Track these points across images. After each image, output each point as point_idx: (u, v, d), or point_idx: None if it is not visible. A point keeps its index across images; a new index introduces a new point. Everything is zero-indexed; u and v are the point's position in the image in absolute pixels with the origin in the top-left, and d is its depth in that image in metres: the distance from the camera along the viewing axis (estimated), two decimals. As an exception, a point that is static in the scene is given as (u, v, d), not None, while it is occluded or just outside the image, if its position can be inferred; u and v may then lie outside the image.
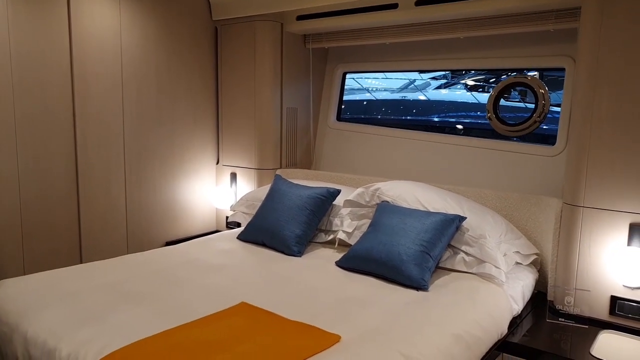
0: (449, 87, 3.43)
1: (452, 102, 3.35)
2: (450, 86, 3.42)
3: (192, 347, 1.50)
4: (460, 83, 3.33)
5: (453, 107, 3.33)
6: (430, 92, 3.47)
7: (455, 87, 3.38)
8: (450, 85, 3.42)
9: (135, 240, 3.20)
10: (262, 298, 1.92)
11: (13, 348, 1.64)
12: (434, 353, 1.58)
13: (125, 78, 3.04)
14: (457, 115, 3.30)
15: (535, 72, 2.85)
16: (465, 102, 3.27)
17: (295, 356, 1.44)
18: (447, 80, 3.43)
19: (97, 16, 2.85)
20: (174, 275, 2.17)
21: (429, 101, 3.45)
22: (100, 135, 2.94)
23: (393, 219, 2.36)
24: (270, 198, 2.83)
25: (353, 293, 2.03)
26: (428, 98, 3.46)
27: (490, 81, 3.13)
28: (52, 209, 2.77)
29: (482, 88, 3.20)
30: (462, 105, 3.29)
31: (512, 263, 2.31)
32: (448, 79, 3.42)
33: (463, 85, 3.31)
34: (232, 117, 3.59)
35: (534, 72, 2.85)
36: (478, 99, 3.19)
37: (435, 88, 3.47)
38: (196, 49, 3.46)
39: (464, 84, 3.29)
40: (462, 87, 3.32)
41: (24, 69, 2.59)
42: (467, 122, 3.23)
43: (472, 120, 3.20)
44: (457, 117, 3.29)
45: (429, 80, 3.49)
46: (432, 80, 3.48)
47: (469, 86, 3.27)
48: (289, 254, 2.56)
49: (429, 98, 3.45)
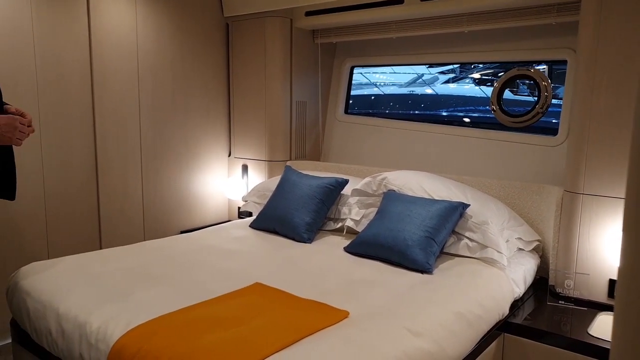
0: (457, 81, 3.47)
1: (461, 97, 3.39)
2: (458, 80, 3.46)
3: (210, 321, 1.61)
4: (468, 77, 3.38)
5: (461, 101, 3.37)
6: (438, 86, 3.52)
7: (463, 81, 3.42)
8: (459, 80, 3.46)
9: (152, 229, 3.33)
10: (274, 279, 2.04)
11: (46, 323, 1.76)
12: (436, 329, 1.69)
13: (142, 74, 3.16)
14: (465, 109, 3.34)
15: (544, 65, 2.91)
16: (474, 96, 3.31)
17: (307, 329, 1.55)
18: (456, 74, 3.48)
19: (114, 14, 2.97)
20: (191, 259, 2.29)
21: (437, 95, 3.50)
22: (118, 129, 3.07)
23: (399, 206, 2.46)
24: (281, 188, 2.94)
25: (361, 275, 2.14)
26: (436, 92, 3.51)
27: (499, 75, 3.17)
28: (74, 200, 2.91)
29: (491, 82, 3.25)
30: (471, 100, 3.33)
31: (514, 249, 2.41)
32: (456, 73, 3.47)
33: (471, 79, 3.35)
34: (244, 110, 3.70)
35: (543, 66, 2.91)
36: (487, 93, 3.23)
37: (444, 82, 3.52)
38: (208, 45, 3.58)
39: (472, 78, 3.34)
40: (471, 81, 3.37)
41: (46, 66, 2.71)
42: (475, 116, 3.28)
43: (480, 114, 3.25)
44: (466, 111, 3.34)
45: (437, 75, 3.54)
46: (440, 74, 3.53)
47: (477, 80, 3.32)
48: (299, 241, 2.67)
49: (437, 92, 3.50)
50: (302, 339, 1.50)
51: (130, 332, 1.55)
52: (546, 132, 2.89)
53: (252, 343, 1.45)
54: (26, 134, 1.81)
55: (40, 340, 1.82)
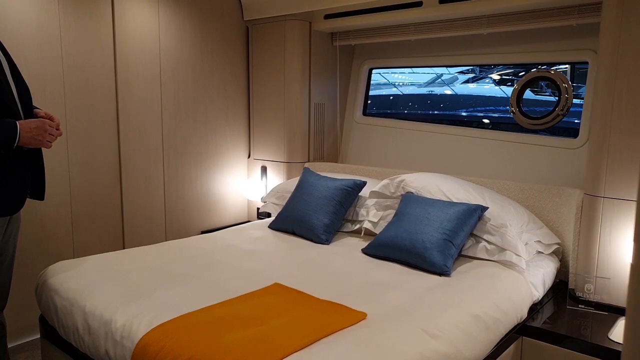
0: (476, 81, 3.44)
1: (480, 97, 3.36)
2: (478, 80, 3.43)
3: (231, 320, 1.65)
4: (488, 77, 3.35)
5: (481, 101, 3.34)
6: (457, 86, 3.50)
7: (483, 81, 3.39)
8: (478, 80, 3.42)
9: (173, 229, 3.40)
10: (293, 280, 2.07)
11: (73, 320, 1.83)
12: (453, 331, 1.70)
13: (164, 78, 3.23)
14: (485, 109, 3.32)
15: (566, 65, 2.87)
16: (494, 96, 3.28)
17: (325, 330, 1.58)
18: (475, 74, 3.45)
19: (138, 18, 3.05)
20: (212, 259, 2.34)
21: (456, 95, 3.47)
22: (140, 130, 3.15)
23: (417, 209, 2.47)
24: (299, 189, 2.98)
25: (378, 277, 2.15)
26: (455, 92, 3.49)
27: (520, 75, 3.13)
28: (98, 200, 2.99)
29: (511, 82, 3.21)
30: (491, 100, 3.29)
31: (534, 252, 2.40)
32: (476, 73, 3.44)
33: (491, 79, 3.32)
34: (263, 113, 3.75)
35: (565, 65, 2.88)
36: (507, 92, 3.20)
37: (463, 82, 3.49)
38: (229, 48, 3.63)
39: (493, 77, 3.31)
40: (491, 81, 3.34)
41: (73, 72, 2.80)
42: (495, 116, 3.25)
43: (500, 114, 3.22)
44: (485, 111, 3.31)
45: (457, 75, 3.52)
46: (459, 74, 3.50)
47: (497, 80, 3.29)
48: (317, 242, 2.69)
49: (456, 92, 3.48)
50: (320, 339, 1.53)
51: (154, 330, 1.59)
52: (568, 132, 2.86)
53: (272, 343, 1.48)
54: (55, 137, 1.88)
55: (67, 336, 1.89)
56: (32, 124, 1.78)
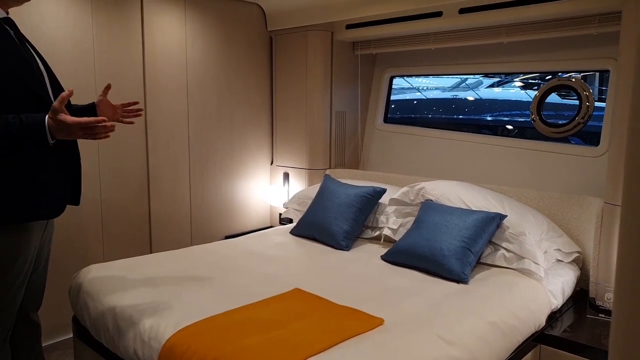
0: (502, 85, 3.41)
1: (506, 101, 3.32)
2: (503, 84, 3.40)
3: (252, 324, 1.72)
4: (513, 81, 3.32)
5: (507, 105, 3.30)
6: (482, 90, 3.47)
7: (509, 85, 3.35)
8: (504, 84, 3.39)
9: (198, 234, 3.50)
10: (313, 285, 2.13)
11: (104, 321, 1.93)
12: (470, 338, 1.73)
13: (190, 88, 3.35)
14: (511, 114, 3.28)
15: (594, 71, 2.85)
16: (519, 100, 3.24)
17: (343, 334, 1.64)
18: (501, 78, 3.42)
19: (166, 31, 3.17)
20: (235, 264, 2.42)
21: (481, 100, 3.45)
22: (168, 139, 3.26)
23: (436, 216, 2.50)
24: (320, 196, 3.04)
25: (397, 284, 2.20)
26: (480, 97, 3.46)
27: (546, 78, 3.09)
28: (127, 206, 3.11)
29: (538, 86, 3.18)
30: (516, 104, 3.25)
31: (553, 260, 2.40)
32: (501, 77, 3.42)
33: (518, 82, 3.26)
34: (286, 120, 3.83)
35: (591, 72, 2.85)
36: (533, 97, 3.18)
37: (488, 86, 3.46)
38: (253, 58, 3.73)
39: (518, 81, 3.27)
40: (516, 85, 3.29)
41: (104, 83, 2.92)
42: (521, 120, 3.21)
43: (526, 119, 3.19)
44: (511, 115, 3.26)
45: (481, 79, 3.50)
46: (484, 78, 3.48)
47: (523, 84, 3.26)
48: (337, 248, 2.75)
49: (480, 97, 3.46)
50: (338, 344, 1.59)
51: (180, 331, 1.68)
52: (590, 137, 2.84)
53: (292, 346, 1.54)
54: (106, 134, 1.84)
55: (98, 336, 1.99)
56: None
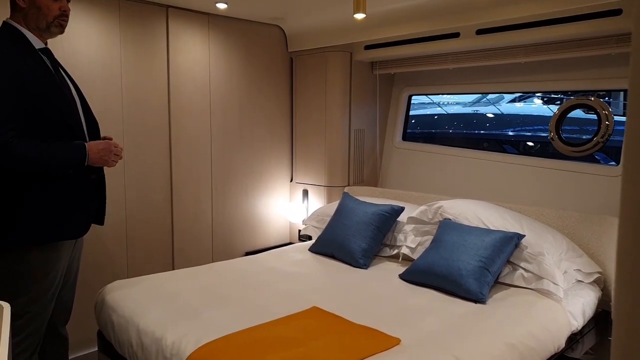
0: (523, 100, 3.38)
1: (528, 116, 3.28)
2: (525, 99, 3.37)
3: (272, 342, 1.76)
4: (535, 96, 3.30)
5: (529, 120, 3.27)
6: (503, 105, 3.46)
7: (530, 100, 3.32)
8: (525, 98, 3.37)
9: (219, 250, 3.57)
10: (331, 303, 2.16)
11: (128, 336, 1.99)
12: (485, 359, 1.73)
13: (213, 108, 3.45)
14: (533, 129, 3.24)
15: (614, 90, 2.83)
16: (541, 115, 3.21)
17: (360, 354, 1.66)
18: (522, 93, 3.42)
19: (190, 54, 3.28)
20: (255, 281, 2.47)
21: (502, 115, 3.43)
22: (191, 157, 3.36)
23: (454, 236, 2.51)
24: (338, 214, 3.08)
25: (414, 303, 2.21)
26: (501, 111, 3.44)
27: (568, 93, 3.09)
28: (150, 221, 3.20)
29: (560, 100, 3.17)
30: (538, 119, 3.21)
31: (572, 280, 2.38)
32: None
33: (539, 97, 3.23)
34: (305, 138, 3.90)
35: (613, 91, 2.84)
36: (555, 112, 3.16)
37: (509, 101, 3.44)
38: (274, 78, 3.82)
39: (539, 96, 3.23)
40: (538, 100, 3.25)
41: (131, 104, 3.04)
42: (543, 135, 3.18)
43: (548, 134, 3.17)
44: (533, 130, 3.23)
45: (502, 94, 3.50)
46: (505, 93, 3.50)
47: (545, 99, 3.23)
48: (355, 266, 2.78)
49: (502, 111, 3.43)
50: (355, 362, 1.61)
51: (201, 348, 1.73)
52: (615, 152, 2.81)
53: (309, 364, 1.58)
54: (119, 157, 2.07)
55: (122, 351, 2.05)
56: (100, 145, 1.99)
